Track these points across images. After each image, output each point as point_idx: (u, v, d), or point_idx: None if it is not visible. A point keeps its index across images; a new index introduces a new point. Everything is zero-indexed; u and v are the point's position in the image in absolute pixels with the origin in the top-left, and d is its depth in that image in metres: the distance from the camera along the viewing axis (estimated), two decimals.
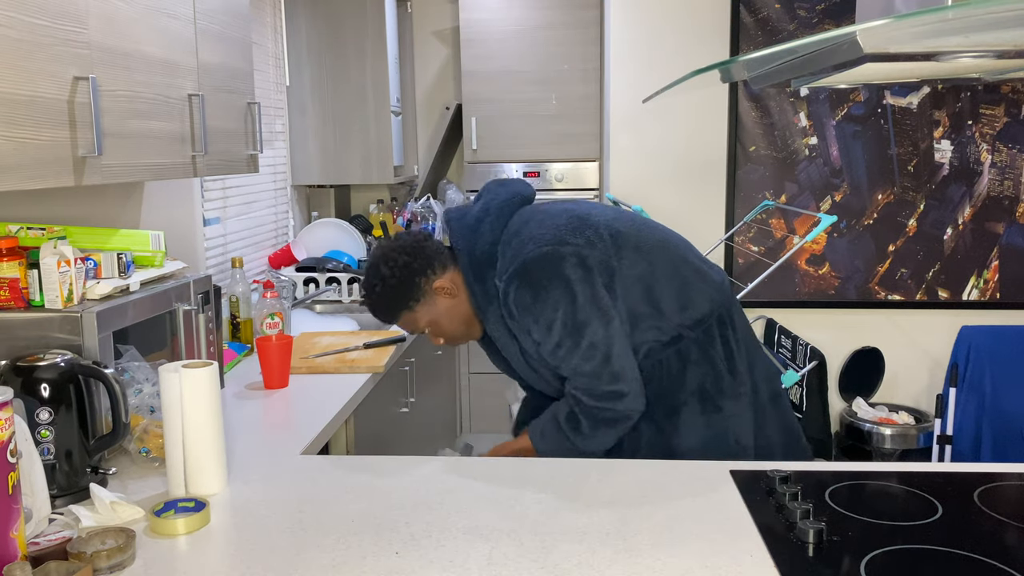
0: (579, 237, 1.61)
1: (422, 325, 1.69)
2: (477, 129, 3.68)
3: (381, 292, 1.65)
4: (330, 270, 3.29)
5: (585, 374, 1.60)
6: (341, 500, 1.40)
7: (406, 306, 1.66)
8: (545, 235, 1.61)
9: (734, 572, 1.15)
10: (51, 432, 1.38)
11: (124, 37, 1.62)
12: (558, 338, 1.58)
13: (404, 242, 1.67)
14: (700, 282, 1.71)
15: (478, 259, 1.64)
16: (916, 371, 3.35)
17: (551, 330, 1.58)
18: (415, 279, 1.64)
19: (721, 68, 1.59)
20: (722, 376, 1.71)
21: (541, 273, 1.57)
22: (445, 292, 1.67)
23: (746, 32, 3.17)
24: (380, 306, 1.67)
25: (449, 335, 1.71)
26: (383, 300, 1.66)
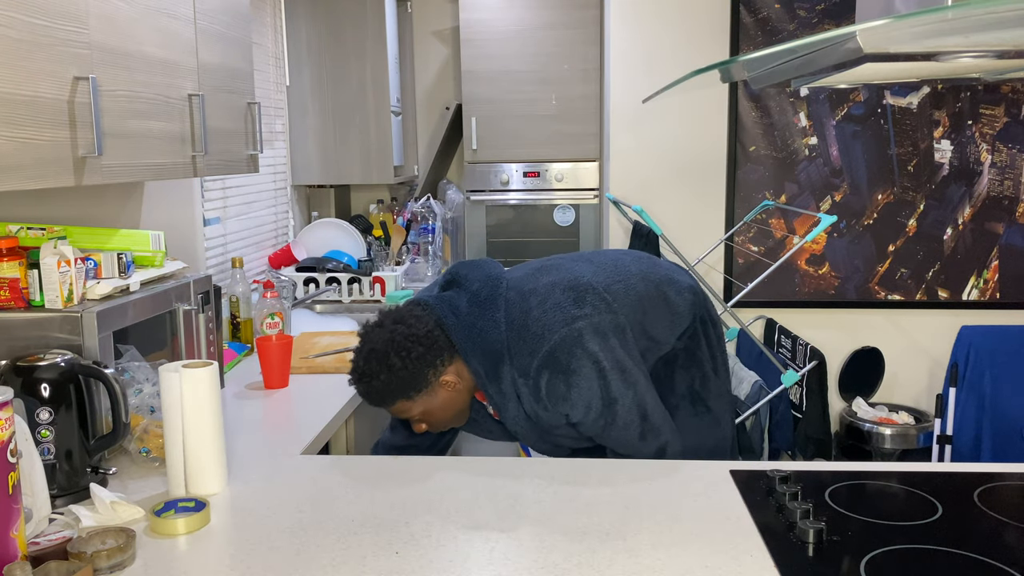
0: (584, 307, 1.58)
1: (414, 413, 1.59)
2: (477, 129, 3.68)
3: (385, 381, 1.53)
4: (330, 270, 3.29)
5: (627, 443, 1.61)
6: (341, 500, 1.40)
7: (406, 395, 1.56)
8: (554, 320, 1.56)
9: (734, 572, 1.15)
10: (51, 432, 1.38)
11: (124, 37, 1.62)
12: (596, 415, 1.56)
13: (418, 331, 1.55)
14: (677, 296, 1.74)
15: (491, 361, 1.57)
16: (916, 371, 3.35)
17: (589, 410, 1.56)
18: (425, 371, 1.55)
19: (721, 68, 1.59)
20: (708, 377, 1.77)
21: (568, 357, 1.53)
22: (449, 386, 1.59)
23: (746, 32, 3.17)
24: (378, 394, 1.55)
25: (437, 424, 1.63)
26: (385, 389, 1.54)
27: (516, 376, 1.56)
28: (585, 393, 1.54)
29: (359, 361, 1.56)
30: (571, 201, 3.73)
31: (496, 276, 1.64)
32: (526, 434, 1.65)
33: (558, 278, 1.64)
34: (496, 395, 1.59)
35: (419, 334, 1.55)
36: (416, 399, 1.57)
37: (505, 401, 1.59)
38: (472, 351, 1.57)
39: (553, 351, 1.54)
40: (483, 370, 1.57)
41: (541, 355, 1.54)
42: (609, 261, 1.74)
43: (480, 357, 1.57)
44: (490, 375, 1.57)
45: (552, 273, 1.67)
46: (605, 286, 1.65)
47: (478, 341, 1.57)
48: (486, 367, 1.57)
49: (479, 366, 1.57)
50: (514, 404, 1.59)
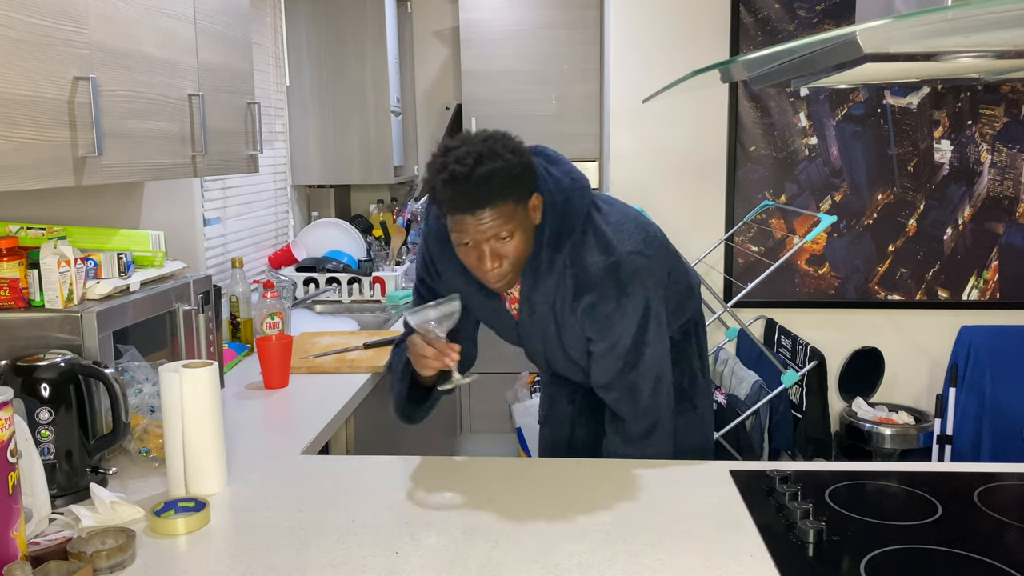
0: (651, 249, 1.55)
1: (510, 226, 1.42)
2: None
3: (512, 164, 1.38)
4: (330, 270, 3.29)
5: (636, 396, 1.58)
6: (341, 500, 1.40)
7: (517, 194, 1.40)
8: (628, 241, 1.52)
9: (734, 572, 1.15)
10: (51, 432, 1.38)
11: (124, 37, 1.62)
12: (622, 351, 1.54)
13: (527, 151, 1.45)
14: (688, 288, 1.77)
15: (562, 230, 1.50)
16: (916, 371, 3.35)
17: (618, 342, 1.53)
18: (532, 177, 1.43)
19: (721, 68, 1.59)
20: (696, 376, 1.79)
21: (628, 278, 1.50)
22: (535, 213, 1.47)
23: (746, 32, 3.17)
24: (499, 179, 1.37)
25: (513, 258, 1.46)
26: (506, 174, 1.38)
27: (570, 262, 1.51)
28: (627, 321, 1.51)
29: (473, 146, 1.38)
30: None
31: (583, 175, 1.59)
32: (538, 327, 1.59)
33: (630, 213, 1.61)
34: (546, 263, 1.51)
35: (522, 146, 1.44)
36: (518, 207, 1.42)
37: (547, 276, 1.52)
38: (553, 208, 1.49)
39: (619, 264, 1.49)
40: (551, 232, 1.49)
41: (609, 261, 1.49)
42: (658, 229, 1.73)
43: (558, 218, 1.49)
44: (554, 241, 1.50)
45: (625, 206, 1.63)
46: (662, 243, 1.63)
47: (563, 205, 1.49)
48: (556, 231, 1.49)
49: (551, 226, 1.49)
50: (552, 284, 1.53)
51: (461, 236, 1.43)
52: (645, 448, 1.61)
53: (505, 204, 1.40)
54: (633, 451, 1.61)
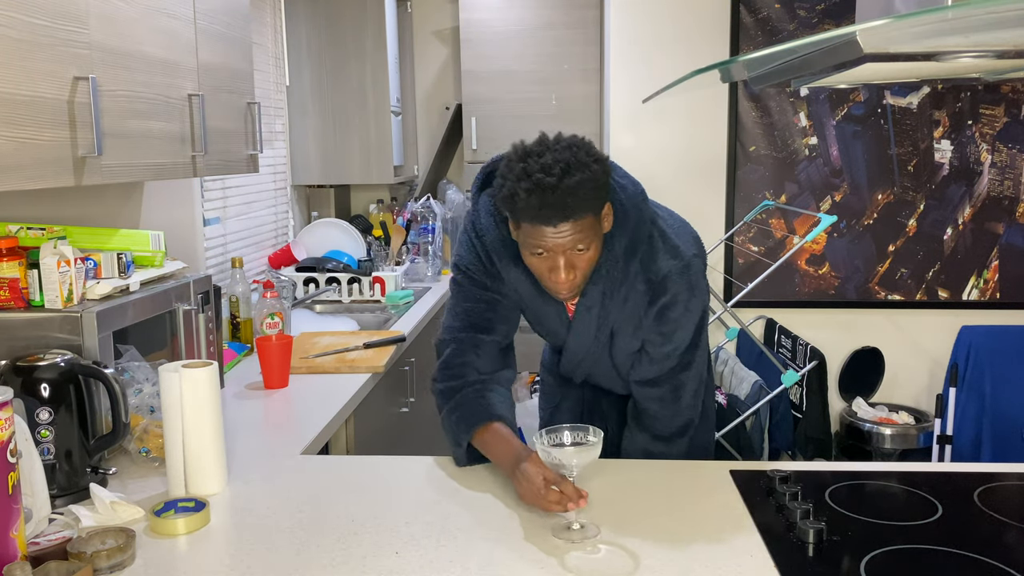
0: (701, 252, 1.59)
1: (591, 236, 1.39)
2: (477, 129, 3.68)
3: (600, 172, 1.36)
4: (330, 270, 3.29)
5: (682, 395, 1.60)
6: (341, 500, 1.40)
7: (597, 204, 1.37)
8: (688, 245, 1.55)
9: (734, 572, 1.15)
10: (51, 432, 1.38)
11: (124, 37, 1.62)
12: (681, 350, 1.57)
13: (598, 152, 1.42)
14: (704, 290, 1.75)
15: (635, 238, 1.50)
16: (916, 371, 3.35)
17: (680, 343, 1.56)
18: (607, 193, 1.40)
19: (721, 68, 1.59)
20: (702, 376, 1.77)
21: (696, 279, 1.53)
22: (606, 222, 1.45)
23: (746, 32, 3.17)
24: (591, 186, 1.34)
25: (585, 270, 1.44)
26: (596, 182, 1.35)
27: (640, 269, 1.51)
28: (691, 322, 1.54)
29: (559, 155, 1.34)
30: None
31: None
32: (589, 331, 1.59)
33: (679, 217, 1.64)
34: (620, 273, 1.51)
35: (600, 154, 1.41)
36: (598, 218, 1.40)
37: (621, 284, 1.51)
38: (624, 219, 1.48)
39: (689, 266, 1.52)
40: (625, 241, 1.49)
41: (681, 264, 1.51)
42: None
43: (628, 229, 1.49)
44: (628, 249, 1.50)
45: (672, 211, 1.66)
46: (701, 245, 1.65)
47: (632, 213, 1.49)
48: (627, 242, 1.50)
49: (624, 235, 1.49)
50: (623, 294, 1.53)
51: (537, 245, 1.39)
52: (675, 446, 1.63)
53: (588, 216, 1.37)
54: (663, 448, 1.63)
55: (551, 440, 1.27)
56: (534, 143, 1.39)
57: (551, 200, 1.32)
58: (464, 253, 1.62)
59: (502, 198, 1.38)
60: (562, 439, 1.28)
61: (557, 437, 1.27)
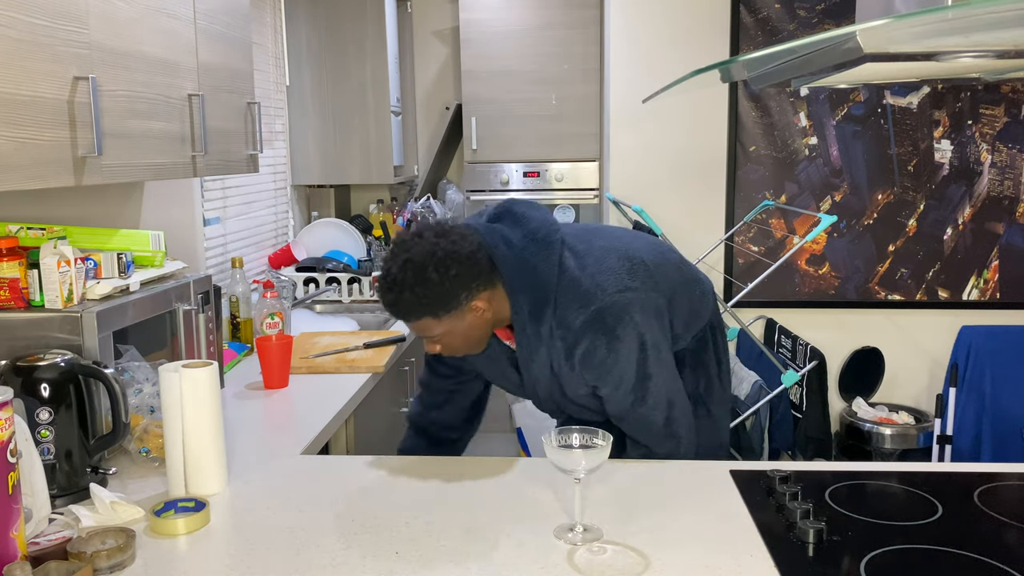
0: (636, 280, 1.57)
1: (436, 333, 1.52)
2: (477, 129, 3.68)
3: (419, 294, 1.46)
4: (330, 270, 3.29)
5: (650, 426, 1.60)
6: (341, 500, 1.40)
7: (434, 314, 1.49)
8: (608, 283, 1.54)
9: (734, 572, 1.15)
10: (51, 432, 1.38)
11: (124, 37, 1.62)
12: (627, 388, 1.56)
13: (461, 249, 1.48)
14: (701, 296, 1.75)
15: (538, 300, 1.53)
16: (916, 371, 3.35)
17: (622, 381, 1.55)
18: (459, 293, 1.48)
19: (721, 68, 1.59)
20: (712, 382, 1.78)
21: (615, 322, 1.52)
22: (477, 312, 1.52)
23: (746, 32, 3.17)
24: (406, 306, 1.48)
25: (452, 348, 1.57)
26: (415, 303, 1.47)
27: (555, 326, 1.53)
28: (623, 362, 1.53)
29: (392, 269, 1.48)
30: (571, 201, 3.73)
31: (553, 221, 1.61)
32: (542, 387, 1.62)
33: (613, 244, 1.63)
34: (532, 336, 1.55)
35: (462, 253, 1.48)
36: (443, 319, 1.50)
37: (538, 344, 1.55)
38: (520, 286, 1.53)
39: (602, 312, 1.52)
40: (528, 308, 1.53)
41: (590, 313, 1.51)
42: (652, 243, 1.73)
43: (528, 294, 1.52)
44: (532, 315, 1.53)
45: (605, 238, 1.66)
46: (654, 265, 1.64)
47: (529, 278, 1.53)
48: (531, 305, 1.53)
49: (525, 303, 1.53)
50: (544, 352, 1.56)
51: None
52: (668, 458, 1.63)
53: (422, 320, 1.51)
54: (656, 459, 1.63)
55: (560, 441, 1.27)
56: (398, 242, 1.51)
57: (386, 303, 1.51)
58: None
59: None
60: (571, 441, 1.28)
61: (566, 438, 1.28)
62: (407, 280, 1.46)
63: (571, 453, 1.24)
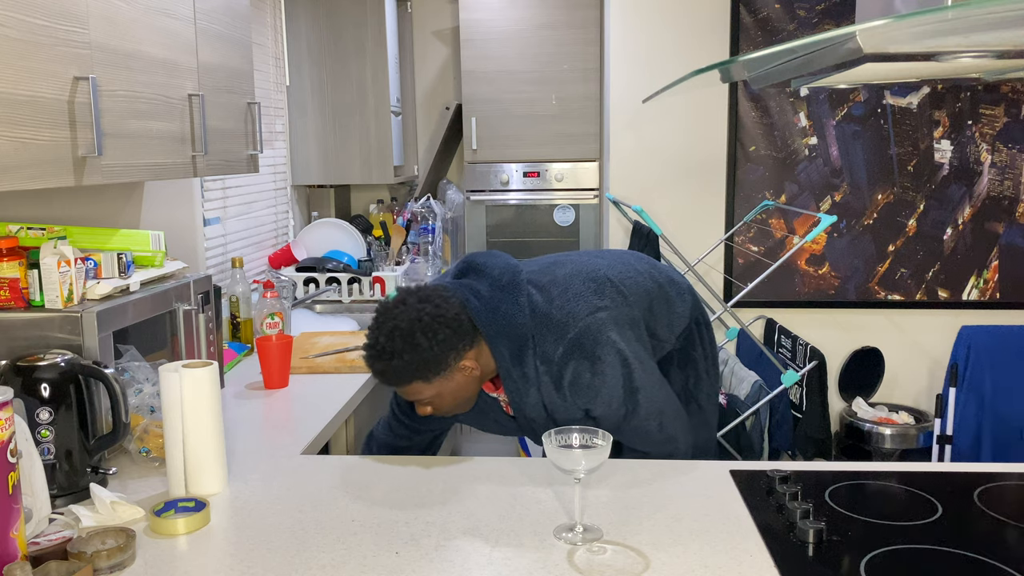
0: (604, 298, 1.59)
1: (426, 395, 1.53)
2: (477, 129, 3.68)
3: (408, 361, 1.47)
4: (330, 270, 3.29)
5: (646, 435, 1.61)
6: (341, 500, 1.40)
7: (424, 377, 1.50)
8: (578, 308, 1.57)
9: (734, 572, 1.15)
10: (51, 432, 1.38)
11: (124, 37, 1.62)
12: (618, 404, 1.57)
13: (446, 312, 1.50)
14: (678, 297, 1.78)
15: (516, 344, 1.55)
16: (916, 371, 3.35)
17: (612, 399, 1.56)
18: (448, 355, 1.49)
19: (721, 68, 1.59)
20: (701, 377, 1.81)
21: (592, 345, 1.54)
22: (466, 371, 1.54)
23: (746, 32, 3.17)
24: (396, 373, 1.49)
25: (444, 409, 1.58)
26: (405, 369, 1.48)
27: (539, 363, 1.55)
28: (609, 381, 1.54)
29: (379, 338, 1.49)
30: (571, 201, 3.73)
31: (514, 264, 1.64)
32: (539, 425, 1.63)
33: (575, 269, 1.66)
34: (519, 379, 1.56)
35: (447, 316, 1.50)
36: (433, 382, 1.51)
37: (527, 386, 1.57)
38: (497, 335, 1.54)
39: (579, 338, 1.54)
40: (508, 353, 1.55)
41: (567, 342, 1.54)
42: (617, 257, 1.76)
43: (506, 340, 1.54)
44: (514, 359, 1.55)
45: (568, 265, 1.68)
46: (620, 279, 1.67)
47: (503, 324, 1.55)
48: (511, 350, 1.55)
49: (504, 349, 1.54)
50: (535, 391, 1.57)
51: None
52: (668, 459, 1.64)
53: (413, 384, 1.50)
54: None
55: (560, 441, 1.27)
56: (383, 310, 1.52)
57: (375, 371, 1.51)
58: None
59: None
60: (570, 441, 1.28)
61: (566, 439, 1.28)
62: (396, 347, 1.47)
63: (571, 453, 1.24)
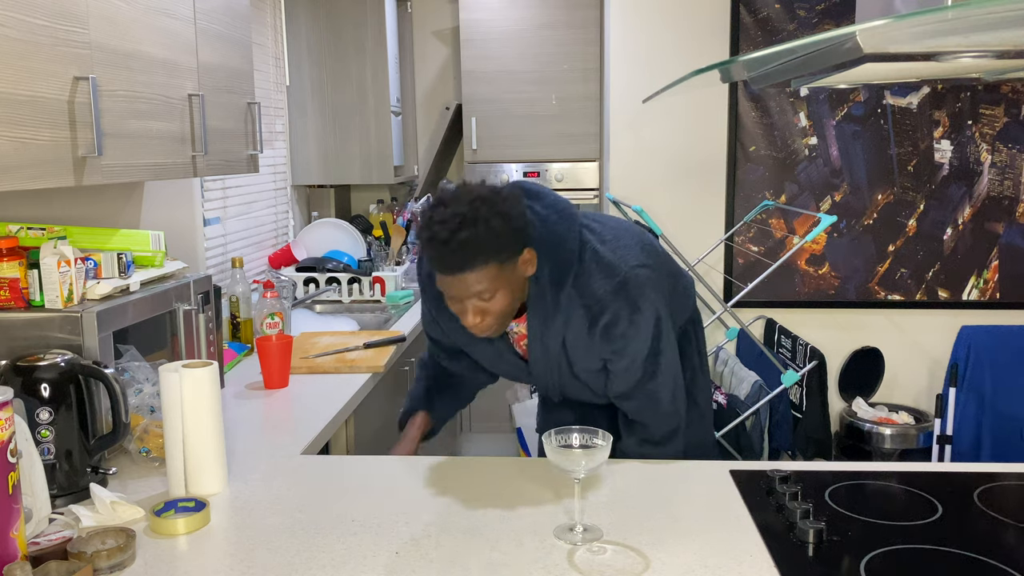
0: (650, 259, 1.58)
1: (490, 289, 1.41)
2: (477, 129, 3.68)
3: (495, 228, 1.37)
4: (330, 270, 3.29)
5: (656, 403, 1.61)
6: (341, 500, 1.40)
7: (499, 257, 1.39)
8: (629, 257, 1.54)
9: (734, 572, 1.15)
10: (51, 432, 1.38)
11: (124, 37, 1.62)
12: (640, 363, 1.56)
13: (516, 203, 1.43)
14: (684, 290, 1.79)
15: (561, 267, 1.51)
16: (916, 371, 3.35)
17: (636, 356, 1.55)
18: (523, 235, 1.42)
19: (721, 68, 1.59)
20: (696, 373, 1.82)
21: (637, 294, 1.52)
22: (527, 267, 1.46)
23: (746, 32, 3.17)
24: (477, 244, 1.36)
25: (495, 313, 1.46)
26: (489, 238, 1.36)
27: (576, 295, 1.52)
28: (642, 334, 1.53)
29: (459, 207, 1.37)
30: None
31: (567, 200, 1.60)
32: (551, 360, 1.60)
33: (626, 226, 1.65)
34: (551, 305, 1.52)
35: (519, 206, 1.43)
36: (504, 267, 1.41)
37: (555, 314, 1.53)
38: (546, 251, 1.50)
39: (625, 283, 1.52)
40: (548, 274, 1.50)
41: (615, 283, 1.51)
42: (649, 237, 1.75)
43: (552, 259, 1.50)
44: (553, 282, 1.50)
45: (616, 220, 1.67)
46: (660, 250, 1.68)
47: (554, 243, 1.51)
48: (552, 273, 1.51)
49: (547, 268, 1.50)
50: (561, 323, 1.54)
51: (445, 291, 1.46)
52: (665, 449, 1.64)
53: (487, 268, 1.40)
54: (654, 450, 1.63)
55: (560, 441, 1.27)
56: (449, 191, 1.43)
57: (444, 252, 1.37)
58: (422, 310, 1.76)
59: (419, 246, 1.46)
60: (570, 441, 1.28)
61: (565, 439, 1.27)
62: (480, 214, 1.36)
63: (571, 453, 1.24)
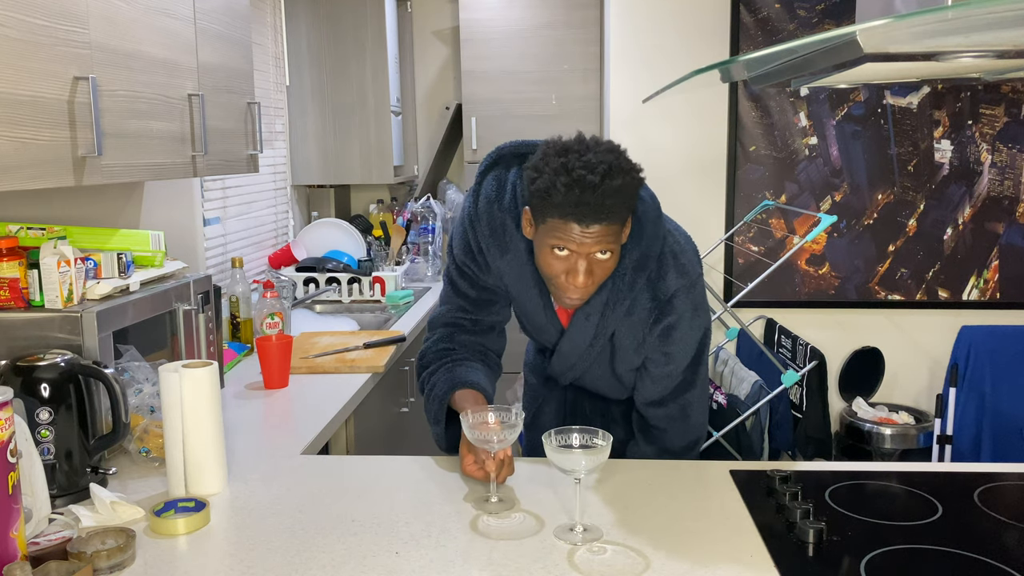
0: (702, 269, 1.59)
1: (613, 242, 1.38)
2: (477, 129, 3.68)
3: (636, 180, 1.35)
4: (330, 270, 3.29)
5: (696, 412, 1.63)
6: (341, 500, 1.40)
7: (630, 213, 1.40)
8: (696, 261, 1.56)
9: (734, 572, 1.15)
10: (51, 432, 1.38)
11: (124, 37, 1.62)
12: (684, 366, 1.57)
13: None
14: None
15: (647, 253, 1.49)
16: (916, 371, 3.35)
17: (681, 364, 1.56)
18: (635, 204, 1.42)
19: (721, 68, 1.59)
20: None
21: (700, 300, 1.55)
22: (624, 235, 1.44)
23: (746, 32, 3.17)
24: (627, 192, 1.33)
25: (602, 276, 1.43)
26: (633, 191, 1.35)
27: (646, 286, 1.50)
28: (693, 341, 1.55)
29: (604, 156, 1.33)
30: None
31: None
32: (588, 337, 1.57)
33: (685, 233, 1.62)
34: (625, 286, 1.49)
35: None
36: (624, 228, 1.41)
37: (626, 295, 1.50)
38: (640, 230, 1.48)
39: (694, 286, 1.53)
40: (639, 253, 1.48)
41: (687, 283, 1.51)
42: None
43: (642, 241, 1.49)
44: (639, 262, 1.49)
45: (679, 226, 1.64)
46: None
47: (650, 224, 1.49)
48: (640, 254, 1.49)
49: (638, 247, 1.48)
50: (624, 308, 1.51)
51: (561, 243, 1.37)
52: (684, 457, 1.65)
53: (617, 222, 1.36)
54: (671, 459, 1.63)
55: (560, 441, 1.27)
56: (573, 140, 1.37)
57: (589, 199, 1.30)
58: (458, 242, 1.62)
59: (535, 191, 1.35)
60: (571, 441, 1.27)
61: (565, 439, 1.27)
62: (625, 165, 1.33)
63: (571, 453, 1.24)
